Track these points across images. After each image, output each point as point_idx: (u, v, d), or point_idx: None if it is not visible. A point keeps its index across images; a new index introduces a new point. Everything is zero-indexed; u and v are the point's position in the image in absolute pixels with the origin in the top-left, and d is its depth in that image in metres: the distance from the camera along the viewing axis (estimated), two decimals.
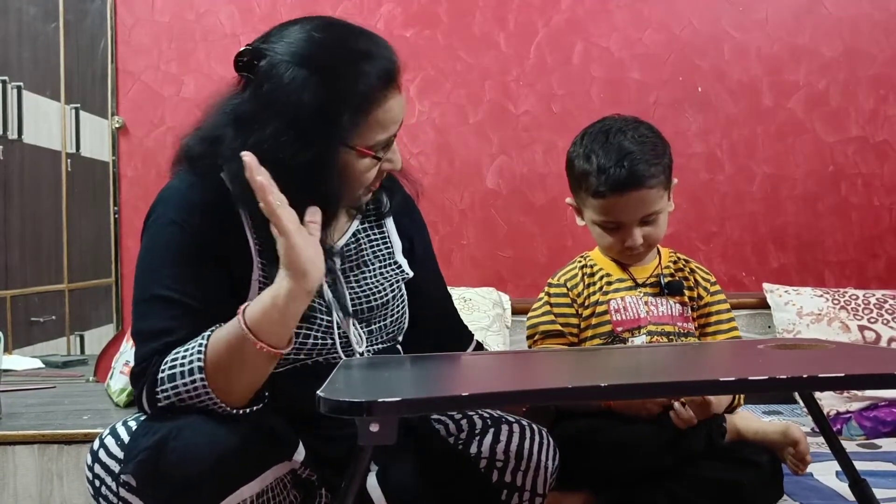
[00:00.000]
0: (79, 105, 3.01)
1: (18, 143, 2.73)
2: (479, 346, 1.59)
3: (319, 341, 1.33)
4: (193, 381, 1.17)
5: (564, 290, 1.72)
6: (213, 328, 1.21)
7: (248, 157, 1.17)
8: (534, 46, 2.81)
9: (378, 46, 1.31)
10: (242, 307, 1.19)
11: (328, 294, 1.34)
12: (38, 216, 2.90)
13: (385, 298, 1.41)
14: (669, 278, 1.72)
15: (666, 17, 2.82)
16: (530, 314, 1.76)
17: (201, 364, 1.17)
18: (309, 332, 1.32)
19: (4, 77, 2.68)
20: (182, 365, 1.18)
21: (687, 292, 1.72)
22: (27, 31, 2.87)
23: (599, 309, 1.69)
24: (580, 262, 1.77)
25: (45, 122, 2.89)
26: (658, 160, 1.65)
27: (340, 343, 1.34)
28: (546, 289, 1.76)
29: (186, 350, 1.19)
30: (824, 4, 2.82)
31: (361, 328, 1.38)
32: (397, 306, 1.44)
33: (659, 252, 1.76)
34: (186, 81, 2.78)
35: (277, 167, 1.20)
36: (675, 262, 1.76)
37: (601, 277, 1.72)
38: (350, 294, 1.37)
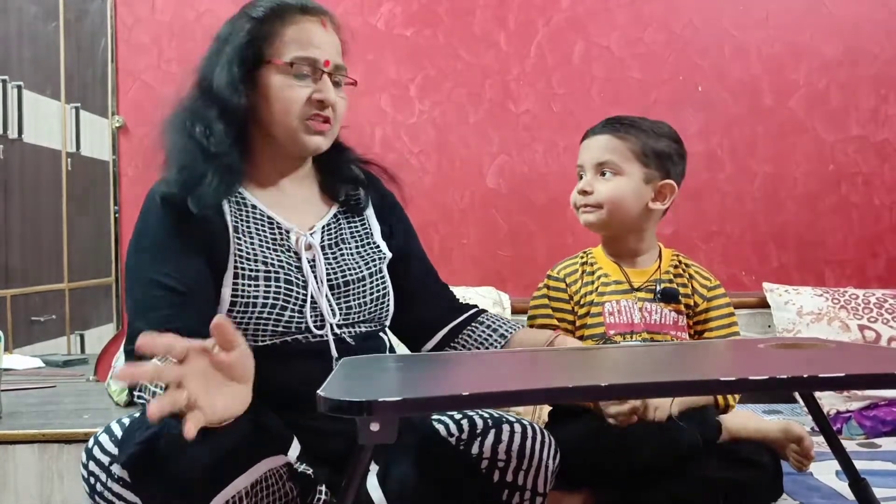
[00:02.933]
0: (79, 104, 3.01)
1: (18, 142, 2.74)
2: (479, 313, 1.62)
3: (296, 314, 1.38)
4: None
5: (563, 286, 1.74)
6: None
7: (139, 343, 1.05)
8: (534, 45, 2.81)
9: None
10: None
11: (306, 268, 1.41)
12: (39, 216, 2.90)
13: (361, 274, 1.46)
14: (667, 284, 1.71)
15: (666, 16, 2.81)
16: (531, 301, 1.79)
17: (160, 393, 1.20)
18: (286, 305, 1.37)
19: (4, 76, 2.68)
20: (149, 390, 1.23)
21: (683, 300, 1.70)
22: (27, 30, 2.87)
23: (594, 310, 1.69)
24: (582, 258, 1.78)
25: (45, 121, 2.90)
26: (645, 134, 1.70)
27: (314, 316, 1.39)
28: (546, 280, 1.77)
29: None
30: (825, 4, 2.82)
31: (340, 303, 1.42)
32: (376, 285, 1.48)
33: (660, 255, 1.75)
34: (187, 81, 2.77)
35: (208, 91, 1.41)
36: (675, 267, 1.75)
37: (598, 277, 1.72)
38: (327, 269, 1.43)
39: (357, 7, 2.77)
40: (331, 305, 1.41)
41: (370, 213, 1.55)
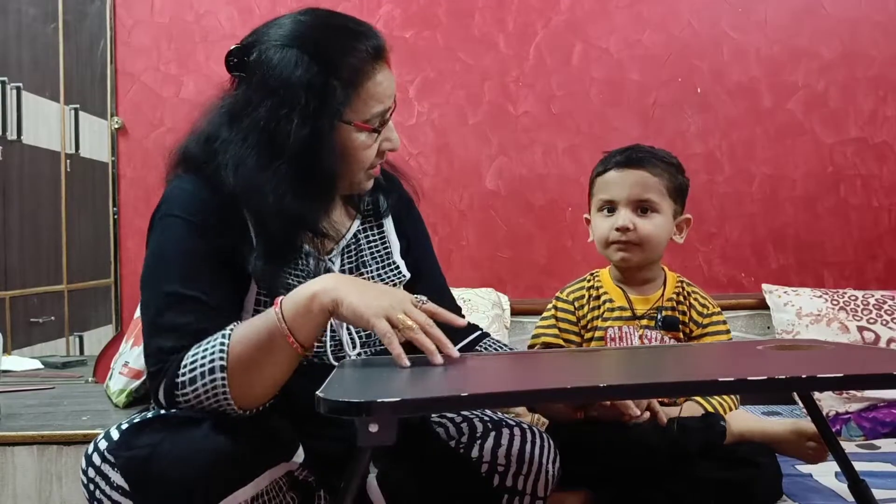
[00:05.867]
0: (78, 106, 3.01)
1: (18, 143, 2.74)
2: (482, 336, 1.57)
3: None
4: (213, 381, 1.17)
5: (571, 309, 1.76)
6: (232, 325, 1.21)
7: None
8: (533, 47, 2.81)
9: (363, 25, 1.35)
10: (279, 300, 1.19)
11: None
12: (38, 217, 2.90)
13: None
14: (669, 312, 1.72)
15: (665, 18, 2.82)
16: (538, 324, 1.80)
17: (223, 363, 1.17)
18: None
19: (4, 78, 2.68)
20: (202, 365, 1.18)
21: (681, 327, 1.72)
22: (27, 31, 2.87)
23: (597, 335, 1.72)
24: (589, 281, 1.79)
25: (44, 122, 2.90)
26: (664, 164, 1.72)
27: (332, 346, 1.35)
28: (554, 301, 1.80)
29: (206, 350, 1.19)
30: (823, 5, 2.82)
31: (358, 331, 1.38)
32: None
33: (665, 283, 1.76)
34: (186, 82, 2.78)
35: (276, 146, 1.25)
36: (677, 294, 1.75)
37: (604, 302, 1.74)
38: None
39: (356, 9, 2.77)
40: (351, 336, 1.36)
41: (389, 225, 1.50)
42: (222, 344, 1.18)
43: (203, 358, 1.18)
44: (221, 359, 1.17)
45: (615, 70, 2.81)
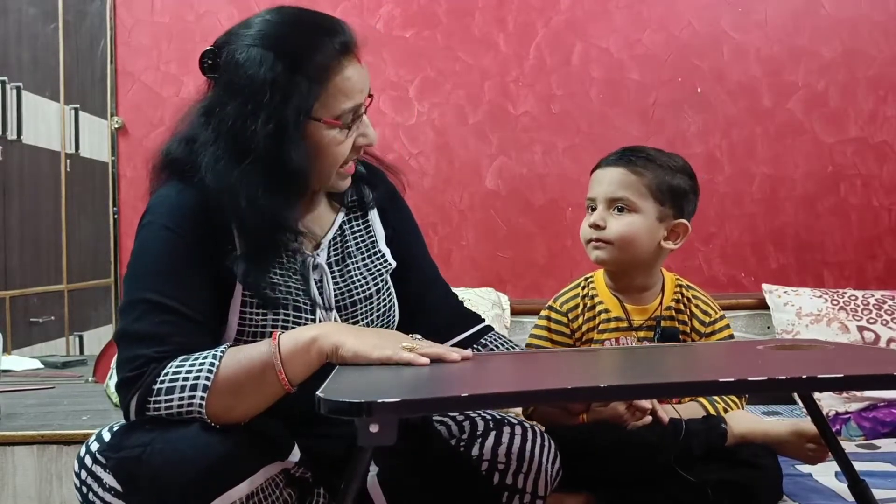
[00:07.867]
0: (78, 105, 3.02)
1: (18, 143, 2.74)
2: (486, 330, 1.56)
3: None
4: (192, 398, 1.16)
5: (565, 321, 1.72)
6: (224, 347, 1.21)
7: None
8: (533, 47, 2.81)
9: (331, 21, 1.35)
10: (277, 335, 1.20)
11: (314, 291, 1.35)
12: (38, 217, 2.90)
13: (368, 291, 1.42)
14: (669, 322, 1.69)
15: (665, 18, 2.82)
16: (531, 332, 1.78)
17: (207, 383, 1.16)
18: (295, 328, 1.31)
19: (4, 77, 2.68)
20: (185, 379, 1.16)
21: (682, 337, 1.70)
22: (27, 31, 2.88)
23: (594, 346, 1.69)
24: (583, 288, 1.75)
25: (44, 122, 2.90)
26: (654, 164, 1.67)
27: None
28: (548, 311, 1.75)
29: (192, 365, 1.17)
30: (823, 5, 2.82)
31: (348, 323, 1.37)
32: (383, 300, 1.45)
33: (663, 289, 1.73)
34: (186, 82, 2.77)
35: (243, 144, 1.26)
36: (676, 301, 1.72)
37: (599, 313, 1.71)
38: (334, 289, 1.38)
39: (356, 8, 2.77)
40: None
41: (374, 216, 1.50)
42: (212, 364, 1.17)
43: (188, 373, 1.17)
44: (207, 378, 1.16)
45: (615, 70, 2.81)
